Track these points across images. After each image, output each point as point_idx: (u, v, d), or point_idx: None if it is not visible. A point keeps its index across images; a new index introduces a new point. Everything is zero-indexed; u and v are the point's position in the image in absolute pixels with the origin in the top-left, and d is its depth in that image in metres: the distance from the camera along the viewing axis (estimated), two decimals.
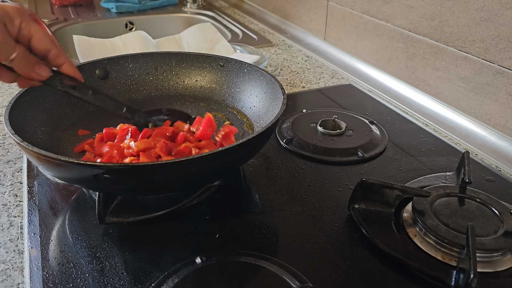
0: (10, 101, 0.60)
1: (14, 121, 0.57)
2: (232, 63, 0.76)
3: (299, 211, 0.60)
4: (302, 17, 1.30)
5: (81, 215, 0.59)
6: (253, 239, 0.55)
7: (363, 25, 1.05)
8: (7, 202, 0.63)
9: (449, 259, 0.52)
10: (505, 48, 0.72)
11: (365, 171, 0.69)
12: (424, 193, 0.57)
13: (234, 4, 1.69)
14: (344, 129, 0.78)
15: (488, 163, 0.73)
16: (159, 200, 0.60)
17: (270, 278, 0.49)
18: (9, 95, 0.95)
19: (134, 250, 0.53)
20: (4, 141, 0.78)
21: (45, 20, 1.43)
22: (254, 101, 0.73)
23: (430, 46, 0.87)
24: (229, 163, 0.56)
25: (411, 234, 0.55)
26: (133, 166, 0.48)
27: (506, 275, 0.50)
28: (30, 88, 0.64)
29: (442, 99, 0.86)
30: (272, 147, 0.75)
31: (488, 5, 0.73)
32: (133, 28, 1.53)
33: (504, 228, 0.53)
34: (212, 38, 1.20)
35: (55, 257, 0.53)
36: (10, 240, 0.56)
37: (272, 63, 1.14)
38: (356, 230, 0.57)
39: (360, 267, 0.52)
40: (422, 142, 0.78)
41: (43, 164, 0.51)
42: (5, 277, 0.51)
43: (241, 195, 0.63)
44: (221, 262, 0.50)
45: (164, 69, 0.79)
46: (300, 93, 0.97)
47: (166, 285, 0.48)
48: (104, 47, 1.13)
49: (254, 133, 0.55)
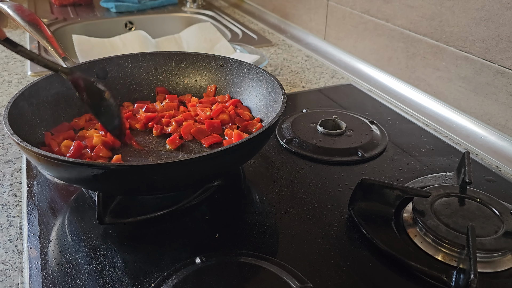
0: (9, 101, 0.60)
1: (13, 121, 0.57)
2: (232, 63, 0.76)
3: (299, 211, 0.60)
4: (302, 16, 1.30)
5: (80, 215, 0.59)
6: (253, 239, 0.55)
7: (363, 24, 1.04)
8: (6, 202, 0.63)
9: (449, 259, 0.51)
10: (505, 48, 0.72)
11: (365, 171, 0.69)
12: (424, 193, 0.57)
13: (234, 3, 1.69)
14: (344, 129, 0.78)
15: (489, 163, 0.73)
16: (159, 200, 0.60)
17: (270, 278, 0.48)
18: (8, 95, 0.95)
19: (134, 251, 0.53)
20: (4, 141, 0.78)
21: (45, 19, 1.43)
22: (254, 101, 0.73)
23: (430, 46, 0.87)
24: (229, 163, 0.56)
25: (411, 234, 0.55)
26: (133, 166, 0.48)
27: (506, 275, 0.50)
28: (30, 88, 0.64)
29: (442, 99, 0.86)
30: (272, 147, 0.75)
31: (488, 5, 0.73)
32: (132, 28, 1.53)
33: (504, 228, 0.53)
34: (212, 37, 1.20)
35: (55, 257, 0.52)
36: (9, 240, 0.56)
37: (272, 63, 1.14)
38: (356, 230, 0.57)
39: (360, 267, 0.52)
40: (422, 142, 0.78)
41: (42, 164, 0.51)
42: (5, 277, 0.51)
43: (241, 195, 0.63)
44: (221, 262, 0.50)
45: (164, 69, 0.79)
46: (300, 93, 0.97)
47: (166, 286, 0.47)
48: (103, 47, 1.12)
49: (254, 133, 0.55)
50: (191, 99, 0.76)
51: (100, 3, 1.60)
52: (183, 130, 0.67)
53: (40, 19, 0.75)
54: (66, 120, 0.69)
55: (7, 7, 0.76)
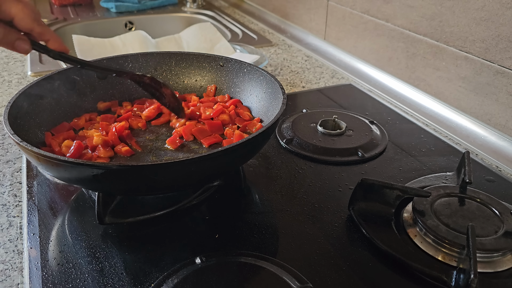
0: (9, 101, 0.60)
1: (13, 121, 0.57)
2: (232, 63, 0.76)
3: (299, 211, 0.60)
4: (302, 16, 1.30)
5: (80, 215, 0.59)
6: (253, 239, 0.55)
7: (363, 24, 1.04)
8: (6, 202, 0.63)
9: (449, 259, 0.51)
10: (505, 48, 0.72)
11: (365, 171, 0.69)
12: (424, 193, 0.57)
13: (234, 3, 1.69)
14: (344, 129, 0.78)
15: (489, 163, 0.73)
16: (159, 200, 0.60)
17: (270, 279, 0.48)
18: (8, 95, 0.95)
19: (134, 251, 0.53)
20: (4, 141, 0.78)
21: (45, 20, 1.43)
22: (254, 101, 0.73)
23: (431, 46, 0.87)
24: (229, 163, 0.56)
25: (411, 235, 0.55)
26: (133, 166, 0.48)
27: (506, 275, 0.50)
28: (30, 88, 0.64)
29: (443, 99, 0.86)
30: (272, 147, 0.75)
31: (488, 5, 0.73)
32: (132, 28, 1.53)
33: (504, 228, 0.53)
34: (212, 37, 1.20)
35: (55, 258, 0.52)
36: (9, 240, 0.56)
37: (272, 63, 1.14)
38: (356, 230, 0.57)
39: (360, 267, 0.52)
40: (422, 142, 0.78)
41: (43, 164, 0.51)
42: (5, 277, 0.51)
43: (241, 195, 0.63)
44: (221, 262, 0.50)
45: (164, 69, 0.79)
46: (300, 93, 0.97)
47: (166, 286, 0.47)
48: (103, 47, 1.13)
49: (254, 133, 0.55)
50: (191, 98, 0.76)
51: (100, 3, 1.60)
52: (184, 130, 0.67)
53: None
54: (66, 120, 0.69)
55: None
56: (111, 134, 0.64)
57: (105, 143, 0.63)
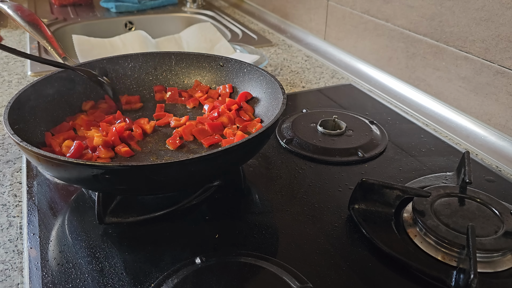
0: (9, 101, 0.60)
1: (13, 121, 0.57)
2: (232, 63, 0.76)
3: (299, 211, 0.60)
4: (302, 16, 1.30)
5: (80, 215, 0.59)
6: (253, 240, 0.55)
7: (363, 24, 1.04)
8: (6, 202, 0.63)
9: (449, 259, 0.51)
10: (505, 48, 0.72)
11: (365, 171, 0.69)
12: (424, 193, 0.57)
13: (234, 3, 1.69)
14: (344, 129, 0.78)
15: (489, 163, 0.73)
16: (159, 200, 0.60)
17: (270, 279, 0.48)
18: (8, 95, 0.95)
19: (134, 251, 0.53)
20: (4, 141, 0.78)
21: (45, 20, 1.43)
22: (254, 101, 0.73)
23: (430, 46, 0.87)
24: (229, 163, 0.56)
25: (411, 235, 0.55)
26: (133, 166, 0.48)
27: (506, 275, 0.50)
28: (30, 88, 0.64)
29: (442, 99, 0.86)
30: (272, 147, 0.75)
31: (488, 5, 0.73)
32: (132, 28, 1.53)
33: (504, 228, 0.53)
34: (212, 37, 1.20)
35: (55, 258, 0.52)
36: (9, 240, 0.56)
37: (272, 63, 1.14)
38: (356, 230, 0.57)
39: (360, 267, 0.52)
40: (422, 142, 0.78)
41: (43, 164, 0.51)
42: (5, 278, 0.51)
43: (241, 195, 0.63)
44: (221, 262, 0.50)
45: (164, 69, 0.79)
46: (300, 93, 0.97)
47: (166, 286, 0.47)
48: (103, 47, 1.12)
49: (253, 133, 0.55)
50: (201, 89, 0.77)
51: (100, 3, 1.60)
52: (184, 130, 0.67)
53: (40, 19, 0.75)
54: (66, 120, 0.69)
55: (7, 7, 0.76)
56: (111, 134, 0.64)
57: (105, 144, 0.63)
